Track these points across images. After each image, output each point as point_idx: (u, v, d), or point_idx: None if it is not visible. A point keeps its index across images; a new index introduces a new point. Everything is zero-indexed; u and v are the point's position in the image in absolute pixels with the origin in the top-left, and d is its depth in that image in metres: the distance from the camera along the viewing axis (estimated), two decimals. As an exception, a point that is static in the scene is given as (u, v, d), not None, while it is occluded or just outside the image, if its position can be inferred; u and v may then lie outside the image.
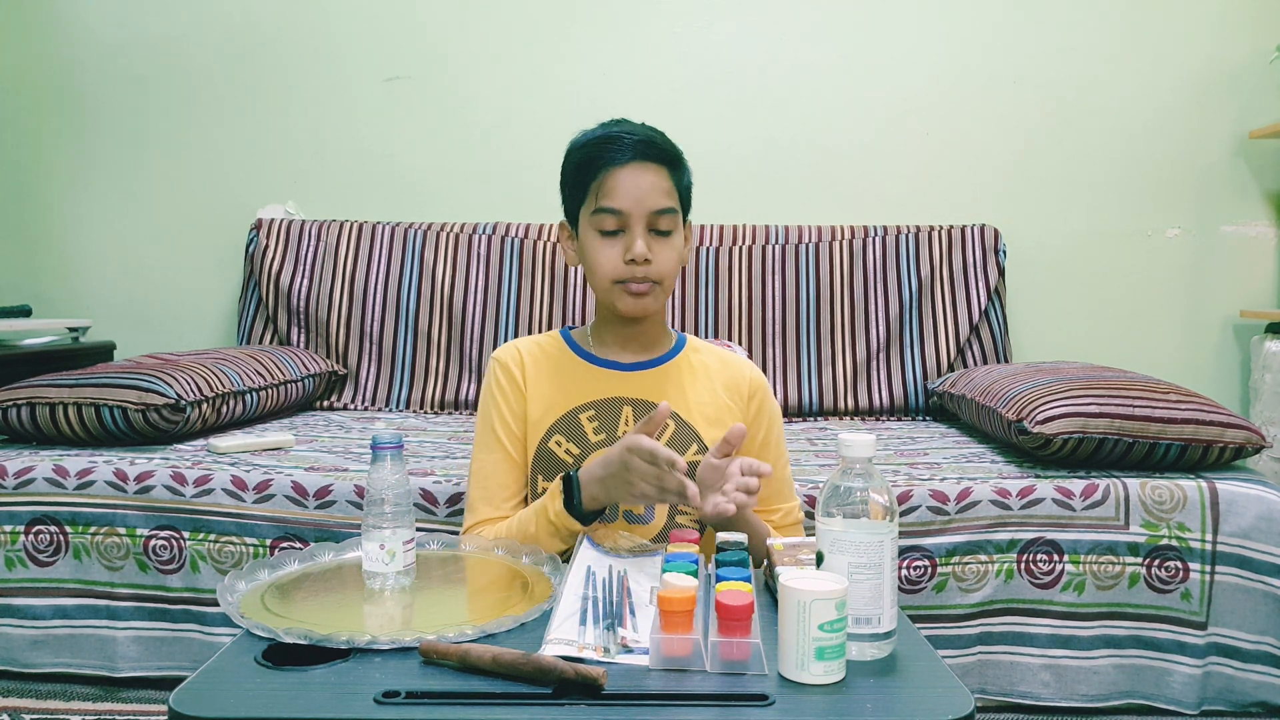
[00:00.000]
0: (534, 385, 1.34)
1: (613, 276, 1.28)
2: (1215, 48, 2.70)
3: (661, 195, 1.28)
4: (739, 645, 0.86)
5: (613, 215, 1.27)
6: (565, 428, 1.32)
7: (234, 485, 1.73)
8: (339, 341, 2.61)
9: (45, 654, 1.75)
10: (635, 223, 1.27)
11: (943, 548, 1.64)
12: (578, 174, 1.30)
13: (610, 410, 1.32)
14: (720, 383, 1.37)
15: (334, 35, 2.83)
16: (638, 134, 1.28)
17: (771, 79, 2.77)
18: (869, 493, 0.91)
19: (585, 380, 1.34)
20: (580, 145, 1.31)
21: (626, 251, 1.26)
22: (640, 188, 1.26)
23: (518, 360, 1.36)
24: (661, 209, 1.27)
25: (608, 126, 1.31)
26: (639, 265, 1.26)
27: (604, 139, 1.28)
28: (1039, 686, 1.65)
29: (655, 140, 1.29)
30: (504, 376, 1.35)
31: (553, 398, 1.33)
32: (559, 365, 1.36)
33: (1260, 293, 2.74)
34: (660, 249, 1.28)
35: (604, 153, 1.27)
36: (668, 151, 1.30)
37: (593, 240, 1.29)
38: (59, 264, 2.94)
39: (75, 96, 2.89)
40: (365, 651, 0.90)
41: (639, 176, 1.26)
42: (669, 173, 1.29)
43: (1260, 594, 1.61)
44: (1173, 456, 1.72)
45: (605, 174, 1.26)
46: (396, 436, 1.12)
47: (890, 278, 2.56)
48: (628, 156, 1.26)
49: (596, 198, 1.27)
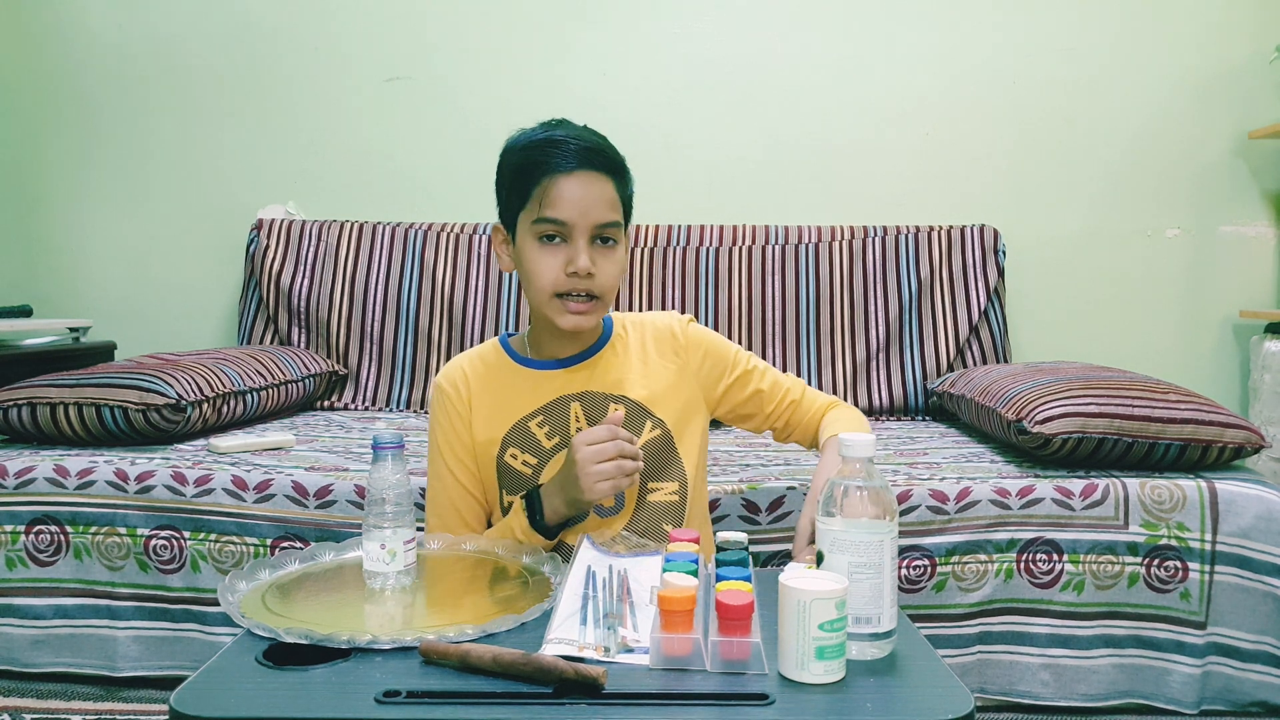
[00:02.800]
0: (478, 403, 1.33)
1: (552, 289, 1.23)
2: (1215, 48, 2.70)
3: (607, 207, 1.23)
4: (739, 645, 0.87)
5: (555, 225, 1.22)
6: (517, 439, 1.31)
7: (234, 485, 1.73)
8: (339, 341, 2.61)
9: (46, 654, 1.75)
10: (579, 234, 1.22)
11: (942, 547, 1.64)
12: (518, 177, 1.24)
13: (558, 411, 1.32)
14: (653, 348, 1.36)
15: (334, 35, 2.83)
16: (584, 140, 1.23)
17: (771, 79, 2.77)
18: (869, 492, 0.91)
19: (527, 387, 1.33)
20: (521, 147, 1.25)
21: (569, 264, 1.22)
22: (586, 198, 1.21)
23: (459, 382, 1.34)
24: (606, 221, 1.23)
25: (550, 128, 1.25)
26: (581, 279, 1.22)
27: (548, 143, 1.22)
28: (1038, 686, 1.65)
29: (602, 148, 1.24)
30: (447, 403, 1.34)
31: (498, 412, 1.32)
32: (500, 377, 1.34)
33: (1260, 293, 2.74)
34: (603, 261, 1.24)
35: (548, 158, 1.21)
36: (613, 160, 1.25)
37: (532, 249, 1.24)
38: (59, 264, 2.94)
39: (76, 96, 2.89)
40: (366, 651, 0.90)
41: (584, 186, 1.21)
42: (614, 183, 1.24)
43: (1260, 594, 1.61)
44: (1172, 456, 1.72)
45: (549, 181, 1.21)
46: (397, 436, 1.12)
47: (890, 278, 2.56)
48: (573, 164, 1.21)
49: (540, 205, 1.22)
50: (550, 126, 1.26)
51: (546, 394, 1.32)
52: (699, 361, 1.37)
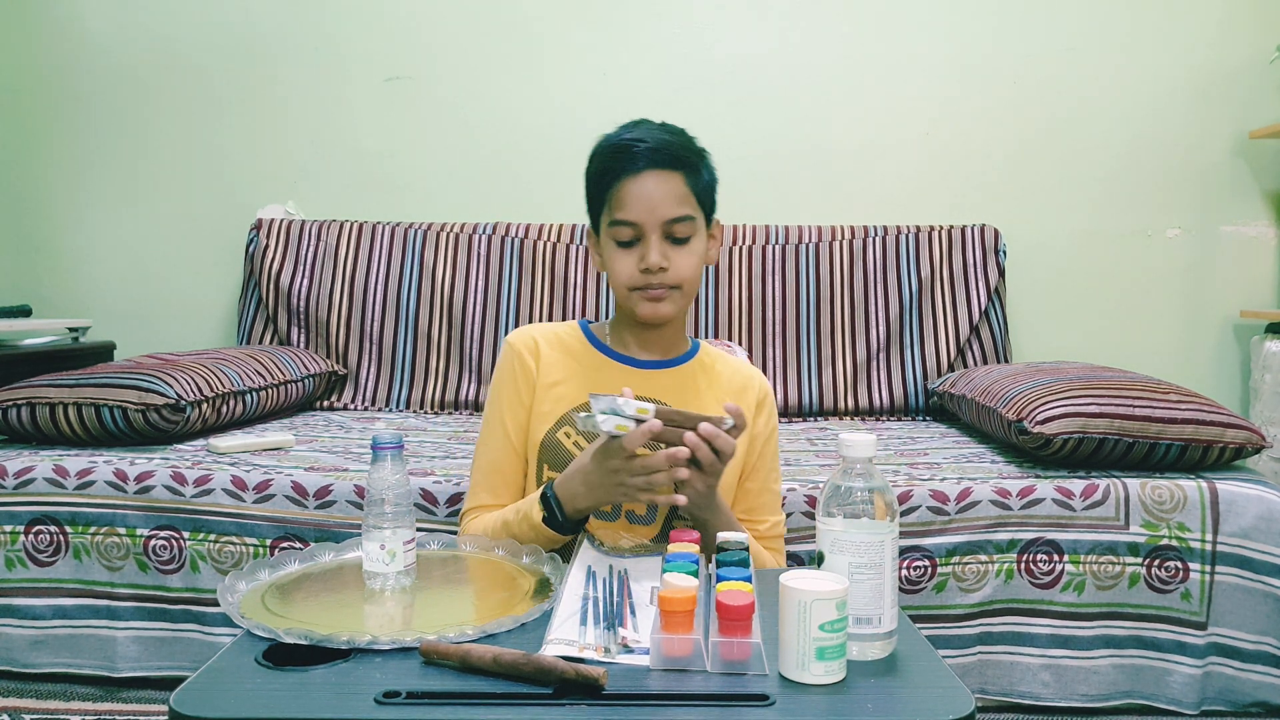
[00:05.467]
0: (547, 375, 1.34)
1: (629, 285, 1.29)
2: (1215, 48, 2.70)
3: (675, 203, 1.26)
4: (739, 645, 0.86)
5: (627, 226, 1.27)
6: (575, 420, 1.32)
7: (234, 485, 1.73)
8: (339, 341, 2.61)
9: (45, 654, 1.75)
10: (650, 232, 1.26)
11: (943, 548, 1.64)
12: (595, 183, 1.31)
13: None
14: (730, 391, 1.37)
15: (334, 35, 2.83)
16: (651, 140, 1.26)
17: (771, 79, 2.77)
18: (869, 492, 0.91)
19: (600, 374, 1.34)
20: (597, 153, 1.31)
21: (641, 261, 1.27)
22: (653, 198, 1.25)
23: (532, 348, 1.36)
24: (674, 218, 1.27)
25: (624, 130, 1.29)
26: (654, 274, 1.26)
27: (617, 148, 1.27)
28: (1039, 686, 1.65)
29: (669, 145, 1.27)
30: (517, 364, 1.35)
31: (566, 389, 1.33)
32: (576, 357, 1.36)
33: (1260, 293, 2.74)
34: (677, 256, 1.28)
35: (617, 162, 1.27)
36: (682, 156, 1.28)
37: (610, 250, 1.30)
38: (59, 264, 2.94)
39: (75, 96, 2.89)
40: (366, 652, 0.90)
41: (652, 186, 1.25)
42: (684, 177, 1.28)
43: (1260, 594, 1.61)
44: (1173, 456, 1.72)
45: (619, 185, 1.26)
46: (397, 436, 1.12)
47: (890, 278, 2.56)
48: (640, 165, 1.25)
49: (612, 209, 1.28)
50: (626, 128, 1.30)
51: (616, 387, 1.31)
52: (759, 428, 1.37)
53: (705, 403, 1.34)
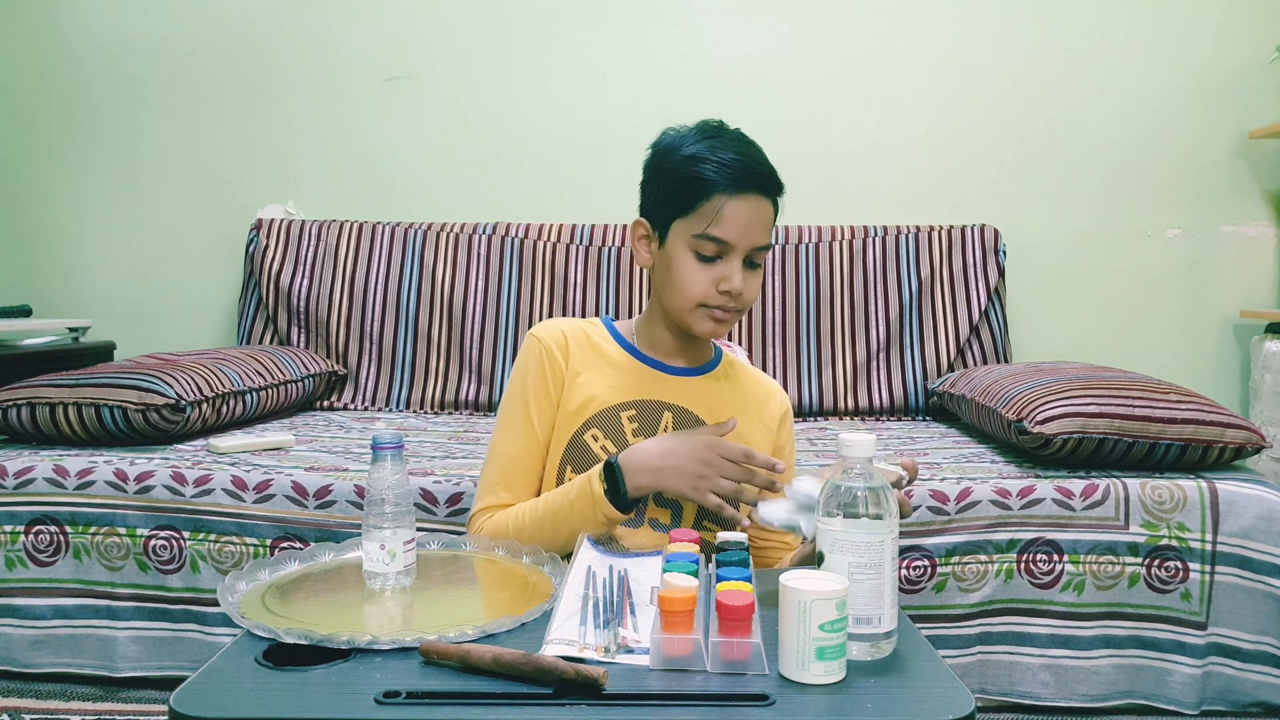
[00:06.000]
0: (576, 373, 1.30)
1: (701, 300, 1.24)
2: (1215, 48, 2.70)
3: (766, 231, 1.25)
4: (739, 645, 0.86)
5: (718, 243, 1.22)
6: (604, 423, 1.29)
7: (234, 485, 1.73)
8: (339, 341, 2.61)
9: (45, 654, 1.75)
10: (737, 255, 1.23)
11: (942, 548, 1.64)
12: (686, 187, 1.23)
13: (651, 413, 1.30)
14: (754, 401, 1.36)
15: (334, 35, 2.83)
16: (753, 160, 1.24)
17: (771, 79, 2.77)
18: (869, 492, 0.91)
19: (630, 377, 1.31)
20: (691, 156, 1.24)
21: (722, 281, 1.23)
22: (752, 223, 1.23)
23: (561, 343, 1.32)
24: (762, 245, 1.25)
25: (718, 139, 1.25)
26: (731, 297, 1.24)
27: (722, 160, 1.22)
28: (1039, 686, 1.65)
29: (769, 171, 1.25)
30: (546, 358, 1.31)
31: (596, 389, 1.30)
32: (606, 356, 1.33)
33: (1260, 293, 2.74)
34: (752, 280, 1.26)
35: (722, 176, 1.21)
36: (777, 184, 1.26)
37: (686, 259, 1.24)
38: (59, 264, 2.94)
39: (75, 96, 2.89)
40: (366, 652, 0.90)
41: (753, 210, 1.23)
42: (773, 205, 1.26)
43: (1260, 594, 1.61)
44: (1173, 456, 1.72)
45: (721, 199, 1.21)
46: (396, 436, 1.11)
47: (890, 278, 2.56)
48: (746, 188, 1.22)
49: (706, 222, 1.22)
50: (710, 133, 1.26)
51: (646, 392, 1.31)
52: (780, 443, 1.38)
53: (730, 410, 1.32)
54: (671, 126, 1.29)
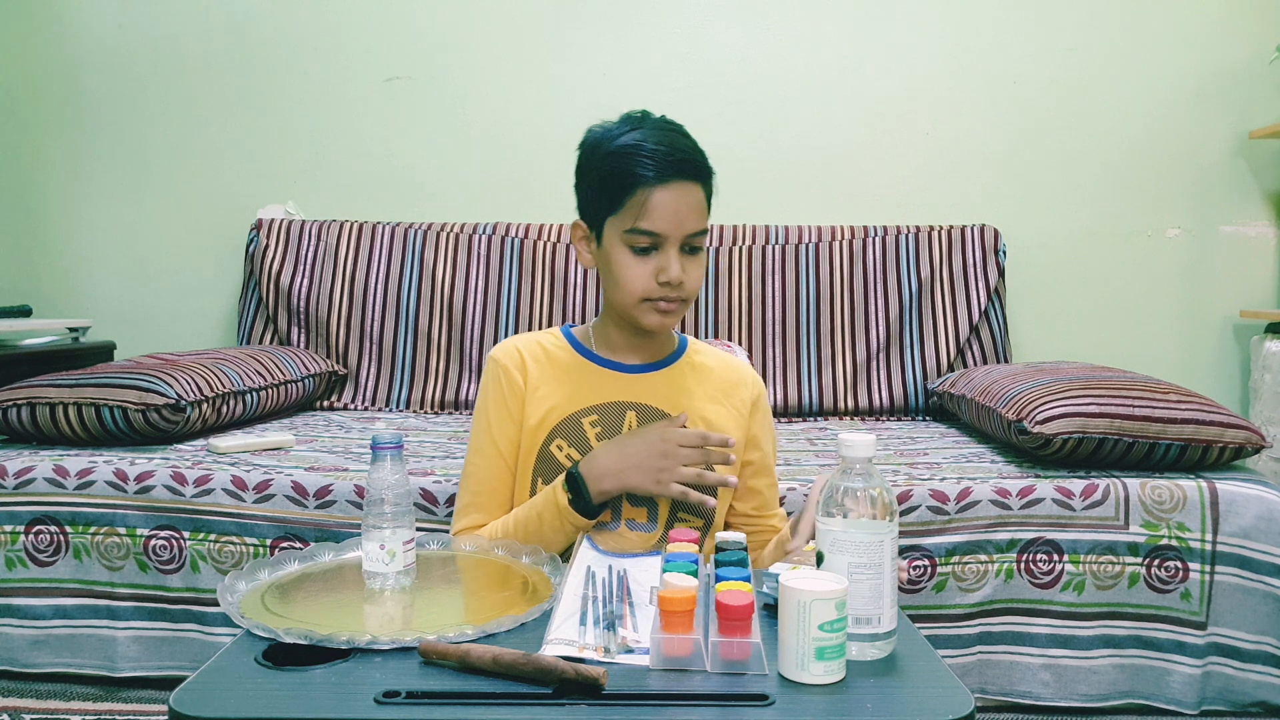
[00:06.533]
0: (535, 388, 1.31)
1: (642, 295, 1.24)
2: (1215, 48, 2.70)
3: (699, 216, 1.24)
4: (739, 645, 0.86)
5: (649, 235, 1.21)
6: (567, 431, 1.30)
7: (234, 485, 1.73)
8: (339, 341, 2.61)
9: (45, 654, 1.75)
10: (672, 244, 1.22)
11: (942, 548, 1.64)
12: (611, 183, 1.23)
13: (613, 414, 1.31)
14: (720, 387, 1.36)
15: (334, 35, 2.83)
16: (677, 148, 1.22)
17: (771, 79, 2.77)
18: (869, 492, 0.91)
19: (588, 382, 1.32)
20: (612, 152, 1.23)
21: (661, 272, 1.22)
22: (680, 210, 1.21)
23: (518, 361, 1.32)
24: (697, 231, 1.24)
25: (635, 125, 1.24)
26: (672, 287, 1.23)
27: (640, 150, 1.21)
28: (1039, 686, 1.65)
29: (693, 155, 1.23)
30: (504, 378, 1.31)
31: (555, 400, 1.31)
32: (562, 366, 1.33)
33: (1260, 293, 2.74)
34: (691, 268, 1.24)
35: (644, 168, 1.20)
36: (703, 166, 1.24)
37: (622, 255, 1.24)
38: (59, 264, 2.94)
39: (75, 96, 2.89)
40: (365, 651, 0.90)
41: (680, 197, 1.21)
42: (703, 189, 1.25)
43: (1260, 594, 1.61)
44: (1173, 456, 1.72)
45: (645, 192, 1.20)
46: (396, 436, 1.12)
47: (890, 278, 2.56)
48: (668, 175, 1.20)
49: (635, 216, 1.21)
50: (634, 124, 1.24)
51: (606, 394, 1.31)
52: (755, 427, 1.37)
53: (696, 401, 1.33)
54: (597, 123, 1.29)
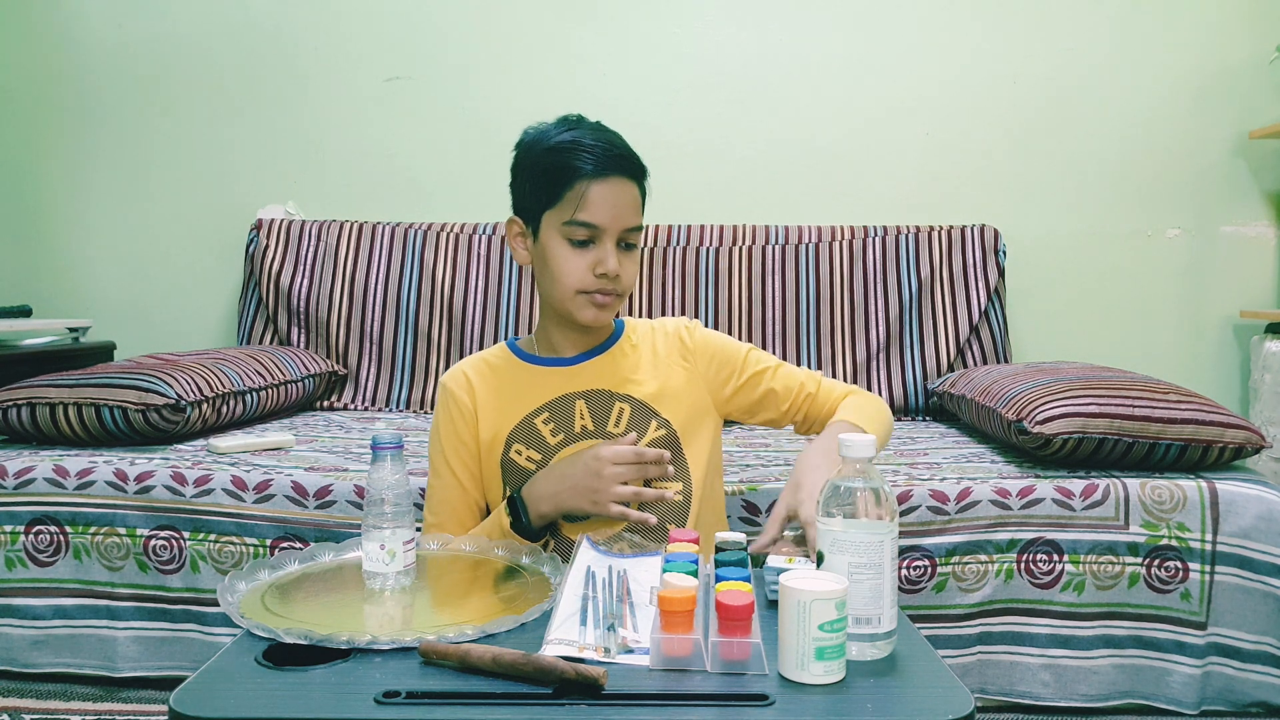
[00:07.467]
0: (484, 405, 1.34)
1: (578, 287, 1.27)
2: (1215, 48, 2.70)
3: (635, 212, 1.28)
4: (739, 645, 0.86)
5: (587, 228, 1.25)
6: (523, 436, 1.32)
7: (234, 485, 1.73)
8: (339, 341, 2.61)
9: (45, 654, 1.75)
10: (608, 238, 1.26)
11: (942, 548, 1.64)
12: (550, 176, 1.27)
13: (563, 408, 1.33)
14: (663, 350, 1.37)
15: (334, 35, 2.83)
16: (614, 145, 1.27)
17: (771, 79, 2.77)
18: (869, 492, 0.91)
19: (535, 384, 1.34)
20: (550, 147, 1.28)
21: (598, 265, 1.26)
22: (618, 204, 1.25)
23: (464, 384, 1.35)
24: (633, 226, 1.28)
25: (571, 126, 1.29)
26: (608, 280, 1.26)
27: (579, 146, 1.25)
28: (1039, 686, 1.65)
29: (629, 153, 1.28)
30: (452, 404, 1.35)
31: (505, 410, 1.33)
32: (506, 377, 1.36)
33: (1260, 293, 2.74)
34: (627, 262, 1.28)
35: (583, 162, 1.24)
36: (638, 165, 1.29)
37: (559, 248, 1.27)
38: (59, 264, 2.94)
39: (76, 96, 2.89)
40: (365, 652, 0.90)
41: (618, 192, 1.26)
42: (638, 187, 1.29)
43: (1260, 594, 1.61)
44: (1172, 456, 1.72)
45: (584, 185, 1.24)
46: (396, 436, 1.12)
47: (890, 278, 2.56)
48: (606, 170, 1.25)
49: (573, 208, 1.25)
50: (571, 125, 1.29)
51: (552, 391, 1.33)
52: (706, 365, 1.38)
53: (640, 377, 1.34)
54: (532, 124, 1.34)
